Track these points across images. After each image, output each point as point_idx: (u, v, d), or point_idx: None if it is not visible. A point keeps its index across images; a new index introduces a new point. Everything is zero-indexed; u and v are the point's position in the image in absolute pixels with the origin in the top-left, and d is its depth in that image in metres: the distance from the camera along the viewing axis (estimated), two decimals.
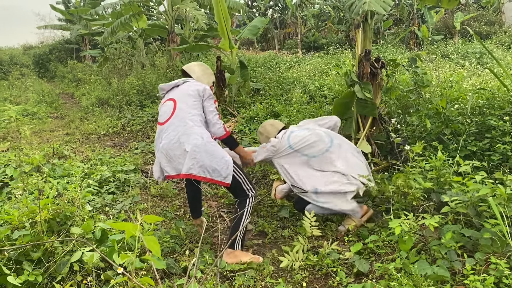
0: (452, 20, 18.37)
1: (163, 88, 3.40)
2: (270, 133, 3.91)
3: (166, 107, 3.23)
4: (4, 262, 2.46)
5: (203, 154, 2.98)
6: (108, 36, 10.70)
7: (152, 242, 1.53)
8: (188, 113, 3.12)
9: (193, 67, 3.53)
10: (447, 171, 3.25)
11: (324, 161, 3.55)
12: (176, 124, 3.10)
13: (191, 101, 3.17)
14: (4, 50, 25.50)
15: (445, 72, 8.00)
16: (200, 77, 3.45)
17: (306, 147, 3.57)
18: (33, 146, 6.48)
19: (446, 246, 2.61)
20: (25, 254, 2.60)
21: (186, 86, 3.27)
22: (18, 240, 2.63)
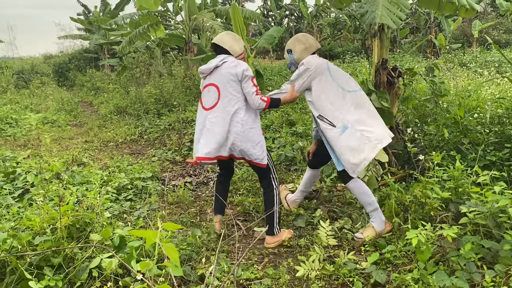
0: (470, 28, 18.20)
1: (203, 72, 3.51)
2: (312, 46, 3.66)
3: (211, 92, 3.44)
4: (25, 267, 2.52)
5: (243, 140, 3.35)
6: (127, 45, 10.89)
7: (171, 250, 1.55)
8: (230, 100, 3.37)
9: (223, 37, 3.57)
10: (466, 181, 3.22)
11: (360, 99, 3.48)
12: (220, 111, 3.37)
13: (232, 87, 3.38)
14: (25, 59, 26.14)
15: (463, 81, 7.93)
16: (232, 45, 3.53)
17: (343, 79, 3.50)
18: (52, 153, 6.61)
19: (465, 257, 2.57)
20: (46, 259, 2.65)
21: (225, 69, 3.39)
22: (39, 246, 2.69)
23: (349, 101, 3.45)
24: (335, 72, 3.54)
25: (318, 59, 3.55)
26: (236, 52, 3.53)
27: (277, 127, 6.83)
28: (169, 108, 9.38)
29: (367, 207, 3.45)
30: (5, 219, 3.46)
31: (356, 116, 3.41)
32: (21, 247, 2.64)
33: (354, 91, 3.51)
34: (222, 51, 3.53)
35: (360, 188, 3.46)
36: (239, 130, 3.34)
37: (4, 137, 8.34)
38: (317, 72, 3.48)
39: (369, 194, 3.44)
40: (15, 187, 4.62)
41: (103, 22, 17.09)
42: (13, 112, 10.30)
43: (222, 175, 3.81)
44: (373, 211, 3.43)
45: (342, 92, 3.46)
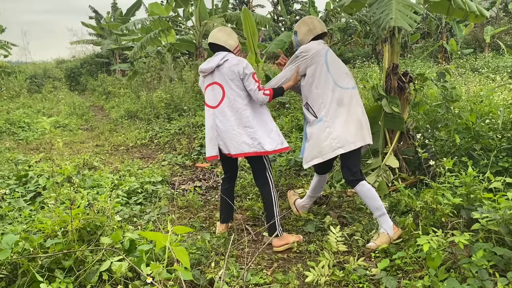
0: (482, 33, 18.06)
1: (204, 71, 3.55)
2: (316, 28, 3.64)
3: (215, 91, 3.50)
4: (37, 269, 2.54)
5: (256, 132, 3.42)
6: (138, 50, 10.99)
7: (182, 253, 1.56)
8: (236, 96, 3.45)
9: (216, 35, 3.60)
10: (478, 188, 3.18)
11: (347, 98, 3.46)
12: (228, 109, 3.45)
13: (235, 84, 3.45)
14: (38, 64, 26.49)
15: (475, 86, 7.86)
16: (227, 40, 3.58)
17: (339, 73, 3.49)
18: (64, 157, 6.68)
19: (477, 264, 2.54)
20: (57, 262, 2.67)
21: (226, 68, 3.45)
22: (50, 248, 2.71)
23: (336, 96, 3.45)
24: (332, 64, 3.50)
25: (318, 46, 3.52)
26: (232, 46, 3.59)
27: (287, 132, 6.83)
28: (179, 113, 9.43)
29: (375, 211, 3.43)
30: (17, 222, 3.50)
31: (333, 113, 3.43)
32: (33, 250, 2.66)
33: (345, 88, 3.49)
34: (219, 48, 3.58)
35: (368, 192, 3.44)
36: (248, 124, 3.42)
37: (16, 141, 8.45)
38: (314, 60, 3.47)
39: (377, 198, 3.42)
40: (27, 190, 4.67)
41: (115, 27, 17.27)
42: (25, 116, 10.43)
43: (226, 179, 3.78)
44: (380, 216, 3.40)
45: (333, 85, 3.46)
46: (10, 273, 2.60)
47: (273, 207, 3.50)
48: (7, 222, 3.67)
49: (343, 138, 3.42)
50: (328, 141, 3.43)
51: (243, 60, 3.49)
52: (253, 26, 7.67)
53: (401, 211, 3.82)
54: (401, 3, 3.95)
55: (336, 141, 3.41)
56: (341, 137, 3.41)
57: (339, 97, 3.46)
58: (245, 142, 3.41)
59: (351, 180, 3.50)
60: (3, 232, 3.20)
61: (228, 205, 3.75)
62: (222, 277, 2.08)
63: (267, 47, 8.99)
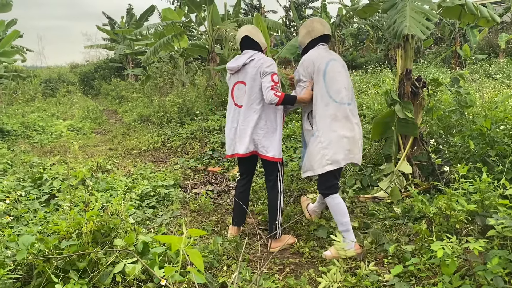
0: (496, 39, 17.87)
1: (231, 69, 3.58)
2: (314, 31, 3.55)
3: (241, 90, 3.55)
4: (52, 270, 2.57)
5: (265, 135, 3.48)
6: (151, 55, 11.08)
7: (196, 256, 1.57)
8: (256, 98, 3.48)
9: (252, 31, 3.60)
10: (492, 194, 3.15)
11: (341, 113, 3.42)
12: (246, 108, 3.50)
13: (256, 84, 3.46)
14: (53, 68, 26.88)
15: (489, 92, 7.78)
16: (261, 38, 3.62)
17: (335, 88, 3.42)
18: (78, 160, 6.75)
19: (492, 271, 2.51)
20: (71, 263, 2.71)
21: (252, 67, 3.47)
22: (65, 250, 2.74)
23: (330, 110, 3.41)
24: (330, 78, 3.43)
25: (316, 58, 3.45)
26: (264, 45, 3.64)
27: (299, 137, 6.82)
28: (192, 117, 9.49)
29: (340, 226, 3.43)
30: (32, 223, 3.55)
31: (326, 128, 3.41)
32: (48, 251, 2.70)
33: (340, 103, 3.43)
34: (249, 45, 3.59)
35: (335, 206, 3.44)
36: (262, 125, 3.47)
37: (31, 144, 8.57)
38: (314, 72, 3.44)
39: (344, 214, 3.41)
40: (41, 192, 4.74)
41: (128, 32, 17.49)
42: (40, 119, 10.58)
43: (242, 181, 3.80)
44: (344, 232, 3.39)
45: (327, 99, 3.41)
46: (25, 273, 2.63)
47: (277, 210, 3.57)
48: (22, 223, 3.72)
49: (333, 155, 3.40)
50: (319, 157, 3.43)
51: (270, 59, 3.49)
52: (265, 32, 7.69)
53: (414, 217, 3.80)
54: (415, 10, 3.95)
55: (326, 158, 3.40)
56: (331, 154, 3.40)
57: (333, 112, 3.41)
58: (254, 143, 3.49)
59: (323, 192, 3.53)
60: (19, 233, 3.25)
61: (241, 209, 3.76)
62: (236, 280, 2.09)
63: (279, 52, 9.00)
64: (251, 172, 3.84)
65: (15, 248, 2.67)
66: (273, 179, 3.61)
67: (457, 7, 4.61)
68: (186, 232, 1.61)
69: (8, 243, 2.78)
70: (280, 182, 3.60)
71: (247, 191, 3.82)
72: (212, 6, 10.70)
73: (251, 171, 3.83)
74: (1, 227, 3.48)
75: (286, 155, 6.17)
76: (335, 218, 3.47)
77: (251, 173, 3.85)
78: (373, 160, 5.15)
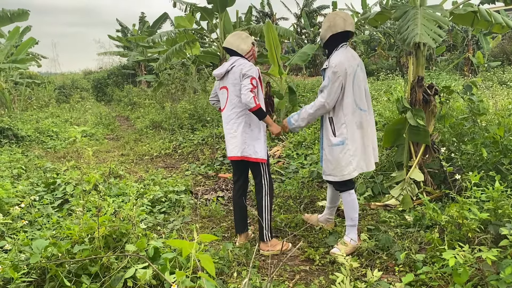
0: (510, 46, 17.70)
1: (217, 76, 3.70)
2: (336, 26, 3.44)
3: (224, 95, 3.68)
4: (65, 274, 2.60)
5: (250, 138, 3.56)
6: (163, 62, 11.19)
7: (207, 261, 1.58)
8: (238, 102, 3.55)
9: (229, 39, 3.71)
10: (506, 203, 3.11)
11: (365, 120, 3.49)
12: (229, 112, 3.61)
13: (238, 89, 3.54)
14: (66, 75, 27.19)
15: (502, 99, 7.70)
16: (239, 45, 3.67)
17: (359, 94, 3.46)
18: (90, 165, 6.83)
19: (505, 281, 2.48)
20: (84, 267, 2.74)
21: (233, 73, 3.56)
22: (77, 254, 2.78)
23: (357, 118, 3.47)
24: (357, 85, 3.46)
25: (347, 62, 3.38)
26: (244, 51, 3.67)
27: (310, 144, 6.82)
28: (203, 123, 9.54)
29: (349, 221, 3.58)
30: (45, 228, 3.60)
31: (354, 137, 3.46)
32: (61, 255, 2.73)
33: (363, 110, 3.51)
34: (232, 53, 3.69)
35: (352, 202, 3.58)
36: (247, 129, 3.56)
37: (45, 149, 8.69)
38: (345, 78, 3.37)
39: (356, 210, 3.58)
40: (55, 197, 4.80)
41: (141, 39, 17.67)
42: (54, 125, 10.73)
43: (237, 186, 3.84)
44: (351, 226, 3.58)
45: (354, 107, 3.45)
46: (39, 277, 2.67)
47: (264, 213, 3.63)
48: (36, 227, 3.77)
49: (359, 162, 3.52)
50: (345, 163, 3.49)
51: (249, 63, 3.56)
52: (276, 39, 7.73)
53: (426, 225, 3.77)
54: (427, 17, 3.95)
55: (353, 165, 3.50)
56: (357, 161, 3.51)
57: (359, 120, 3.48)
58: (240, 147, 3.56)
59: (341, 189, 3.62)
60: (33, 237, 3.30)
61: (242, 215, 3.82)
62: (246, 287, 2.09)
63: (290, 59, 9.03)
64: (244, 174, 3.85)
65: (29, 252, 2.71)
66: (258, 182, 3.69)
67: (470, 14, 4.60)
68: (197, 238, 1.63)
69: (22, 247, 2.82)
70: (265, 185, 3.67)
71: (243, 196, 3.86)
72: (224, 14, 10.78)
73: (244, 173, 3.84)
74: (16, 231, 3.53)
75: (297, 162, 6.17)
76: (348, 212, 3.58)
77: (245, 175, 3.86)
78: (384, 167, 5.13)
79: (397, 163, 4.90)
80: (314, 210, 4.63)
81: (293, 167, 6.04)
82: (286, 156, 6.62)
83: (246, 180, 3.87)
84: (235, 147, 3.58)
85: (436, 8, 4.44)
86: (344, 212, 3.64)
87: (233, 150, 3.60)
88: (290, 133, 7.63)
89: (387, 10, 4.75)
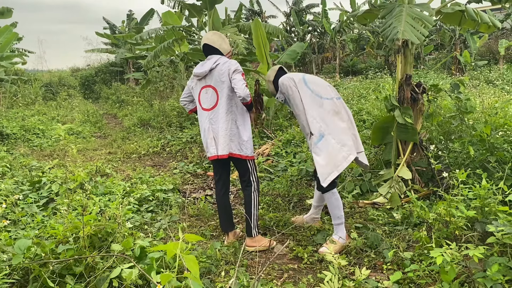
0: (497, 45, 17.90)
1: (199, 75, 3.65)
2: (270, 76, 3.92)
3: (209, 94, 3.62)
4: (48, 274, 2.55)
5: (237, 134, 3.57)
6: (151, 59, 11.08)
7: (192, 262, 1.55)
8: (227, 99, 3.55)
9: (212, 37, 3.72)
10: (492, 200, 3.13)
11: (337, 107, 3.57)
12: (222, 113, 3.56)
13: (226, 87, 3.54)
14: (54, 72, 26.88)
15: (489, 98, 7.77)
16: (222, 44, 3.71)
17: (321, 87, 3.63)
18: (77, 164, 6.74)
19: (492, 279, 2.49)
20: (68, 268, 2.68)
21: (218, 71, 3.56)
22: (62, 254, 2.72)
23: (327, 108, 3.55)
24: (312, 83, 3.64)
25: (291, 76, 3.69)
26: (225, 50, 3.70)
27: (299, 142, 6.81)
28: (192, 121, 9.49)
29: (335, 219, 3.59)
30: (29, 227, 3.53)
31: (332, 124, 3.52)
32: (44, 255, 2.68)
33: (331, 98, 3.60)
34: (212, 51, 3.68)
35: (336, 201, 3.58)
36: (234, 127, 3.57)
37: (31, 147, 8.56)
38: (297, 87, 3.60)
39: (341, 208, 3.59)
40: (40, 196, 4.72)
41: (129, 37, 17.51)
42: (40, 123, 10.58)
43: (219, 185, 3.81)
44: (338, 225, 3.58)
45: (319, 100, 3.56)
46: (21, 278, 2.61)
47: (252, 209, 3.65)
48: (20, 227, 3.70)
49: (349, 144, 3.53)
50: (340, 153, 3.48)
51: (234, 61, 3.59)
52: (264, 37, 7.70)
53: (414, 223, 3.78)
54: (411, 15, 3.96)
55: (345, 149, 3.49)
56: (347, 144, 3.52)
57: (329, 107, 3.55)
58: (229, 145, 3.56)
59: (325, 189, 3.59)
60: (16, 237, 3.23)
61: (227, 213, 3.81)
62: (233, 286, 2.07)
63: (279, 57, 9.01)
64: (226, 173, 3.84)
65: (11, 252, 2.65)
66: (246, 179, 3.69)
67: (458, 13, 4.62)
68: (182, 238, 1.60)
69: (5, 247, 2.76)
70: (253, 182, 3.68)
71: (227, 194, 3.85)
72: (213, 11, 10.70)
73: (226, 172, 3.83)
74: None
75: (286, 160, 6.15)
76: (333, 212, 3.60)
77: (226, 173, 3.85)
78: (372, 165, 5.14)
79: (385, 161, 4.91)
80: (303, 209, 4.62)
81: (282, 165, 6.02)
82: (275, 154, 6.61)
83: (228, 178, 3.86)
84: (226, 146, 3.55)
85: (423, 7, 4.45)
86: (330, 212, 3.63)
87: (223, 148, 3.55)
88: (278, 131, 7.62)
89: (376, 8, 4.75)
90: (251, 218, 3.65)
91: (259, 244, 3.62)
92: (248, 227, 3.67)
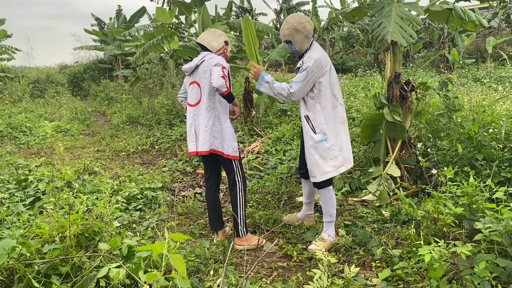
0: (484, 43, 18.09)
1: (186, 71, 3.68)
2: (310, 32, 3.42)
3: (194, 90, 3.63)
4: (33, 275, 2.51)
5: (219, 132, 3.53)
6: (140, 56, 10.99)
7: (179, 261, 1.53)
8: (211, 96, 3.54)
9: (202, 35, 3.73)
10: (480, 198, 3.15)
11: (344, 115, 3.53)
12: (203, 107, 3.55)
13: (208, 82, 3.52)
14: (41, 69, 26.49)
15: (477, 96, 7.84)
16: (210, 42, 3.67)
17: (337, 88, 3.49)
18: (64, 162, 6.66)
19: (479, 276, 2.50)
20: (54, 268, 2.65)
21: (203, 67, 3.55)
22: (47, 254, 2.69)
23: (339, 113, 3.48)
24: (333, 78, 3.46)
25: (324, 58, 3.36)
26: (214, 48, 3.67)
27: (288, 140, 6.81)
28: (181, 119, 9.43)
29: (327, 217, 3.58)
30: (15, 227, 3.48)
31: (336, 131, 3.46)
32: (30, 255, 2.64)
33: (342, 105, 3.54)
34: (204, 49, 3.69)
35: (331, 198, 3.57)
36: (217, 123, 3.54)
37: (18, 145, 8.44)
38: (322, 74, 3.35)
39: (334, 206, 3.59)
40: (26, 194, 4.65)
41: (118, 33, 17.33)
42: (27, 120, 10.44)
43: (209, 182, 3.79)
44: (329, 222, 3.58)
45: (334, 102, 3.45)
46: (6, 278, 2.57)
47: (238, 209, 3.63)
48: (5, 226, 3.64)
49: (346, 156, 3.51)
50: (333, 161, 3.45)
51: (219, 57, 3.56)
52: (254, 34, 7.67)
53: (402, 220, 3.80)
54: (400, 15, 3.97)
55: (340, 160, 3.47)
56: (345, 156, 3.50)
57: (340, 114, 3.49)
58: (209, 141, 3.53)
59: (320, 186, 3.58)
60: (1, 236, 3.18)
61: (217, 212, 3.78)
62: (221, 285, 2.05)
63: (269, 54, 8.98)
64: (216, 171, 3.81)
65: None
66: (231, 178, 3.66)
67: (446, 11, 4.64)
68: (169, 237, 1.58)
69: None
70: (239, 181, 3.65)
71: (217, 192, 3.82)
72: (202, 8, 10.64)
73: (215, 170, 3.80)
74: None
75: (276, 158, 6.14)
76: (326, 209, 3.58)
77: (216, 171, 3.81)
78: (361, 163, 5.15)
79: (374, 159, 4.93)
80: (293, 206, 4.61)
81: (271, 163, 6.01)
82: (265, 152, 6.59)
83: (218, 176, 3.83)
84: (206, 142, 3.52)
85: (412, 6, 4.47)
86: (322, 208, 3.62)
87: (206, 144, 3.52)
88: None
89: (364, 6, 4.75)
90: (238, 218, 3.63)
91: (248, 243, 3.60)
92: (236, 227, 3.66)
